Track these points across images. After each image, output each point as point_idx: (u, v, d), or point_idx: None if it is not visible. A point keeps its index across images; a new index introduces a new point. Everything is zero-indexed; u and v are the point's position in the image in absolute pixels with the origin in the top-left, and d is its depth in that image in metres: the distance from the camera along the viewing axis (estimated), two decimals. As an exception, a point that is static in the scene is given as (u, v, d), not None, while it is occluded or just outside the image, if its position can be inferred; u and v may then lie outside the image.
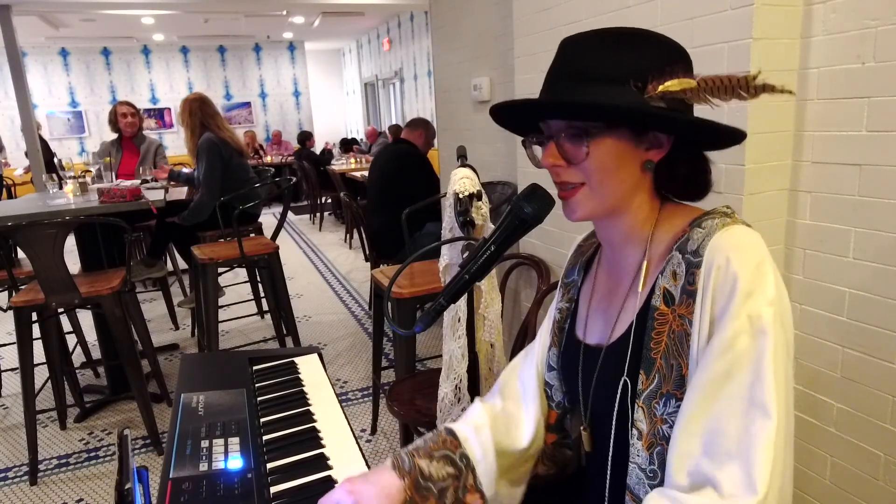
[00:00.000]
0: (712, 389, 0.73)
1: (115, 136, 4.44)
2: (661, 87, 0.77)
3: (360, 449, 1.03)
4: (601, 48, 0.81)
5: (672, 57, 0.80)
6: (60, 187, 3.41)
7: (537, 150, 0.89)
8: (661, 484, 0.79)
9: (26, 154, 8.05)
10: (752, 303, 0.72)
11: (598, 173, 0.81)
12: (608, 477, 0.89)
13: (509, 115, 0.92)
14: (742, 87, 0.77)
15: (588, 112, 0.79)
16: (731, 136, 0.82)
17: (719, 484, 0.70)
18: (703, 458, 0.72)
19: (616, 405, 0.85)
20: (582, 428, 0.96)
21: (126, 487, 0.65)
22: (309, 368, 1.33)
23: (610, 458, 0.88)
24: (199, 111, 3.67)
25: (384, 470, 0.88)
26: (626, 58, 0.80)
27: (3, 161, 9.64)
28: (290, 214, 8.80)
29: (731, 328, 0.73)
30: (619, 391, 0.84)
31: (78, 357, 3.41)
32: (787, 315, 0.76)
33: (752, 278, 0.73)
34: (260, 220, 4.03)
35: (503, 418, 1.00)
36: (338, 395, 1.21)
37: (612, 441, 0.87)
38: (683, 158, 0.84)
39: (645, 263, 0.85)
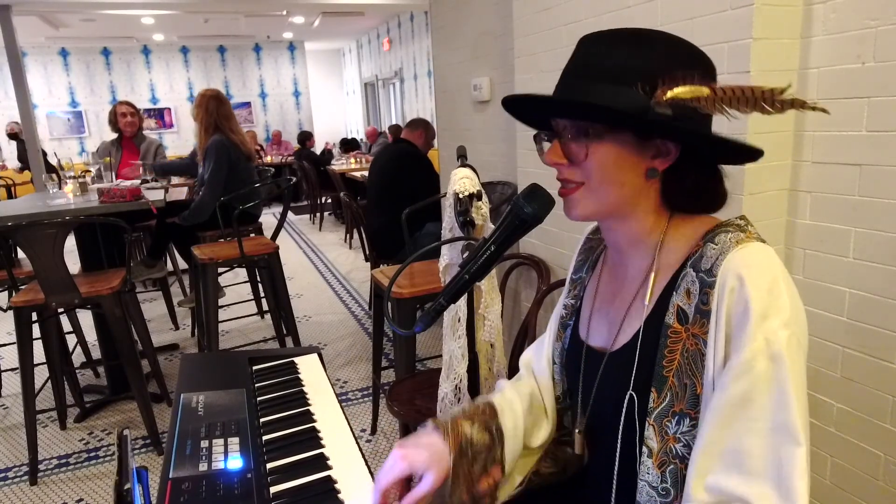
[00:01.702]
0: (732, 411, 0.72)
1: (115, 136, 4.44)
2: (669, 94, 0.75)
3: (360, 449, 1.02)
4: (615, 46, 0.80)
5: (688, 62, 0.78)
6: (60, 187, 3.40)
7: (547, 146, 0.88)
8: (672, 502, 0.78)
9: (19, 158, 8.08)
10: (767, 325, 0.71)
11: (598, 175, 0.80)
12: (614, 491, 0.88)
13: (519, 110, 0.92)
14: (767, 100, 0.73)
15: (585, 113, 0.79)
16: (745, 152, 0.80)
17: (750, 501, 0.70)
18: (725, 476, 0.72)
19: (622, 418, 0.84)
20: (577, 431, 0.96)
21: (125, 488, 0.65)
22: (309, 368, 1.33)
23: (616, 472, 0.87)
24: (215, 111, 3.63)
25: (431, 433, 0.88)
26: (637, 58, 0.78)
27: (1, 163, 9.66)
28: (290, 214, 8.80)
29: (748, 350, 0.72)
30: (626, 404, 0.83)
31: (78, 357, 3.40)
32: (803, 332, 0.75)
33: (766, 299, 0.72)
34: (260, 220, 4.03)
35: (529, 417, 1.01)
36: (338, 395, 1.21)
37: (618, 455, 0.86)
38: (692, 169, 0.81)
39: (653, 273, 0.84)
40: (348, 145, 9.58)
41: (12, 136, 8.51)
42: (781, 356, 0.71)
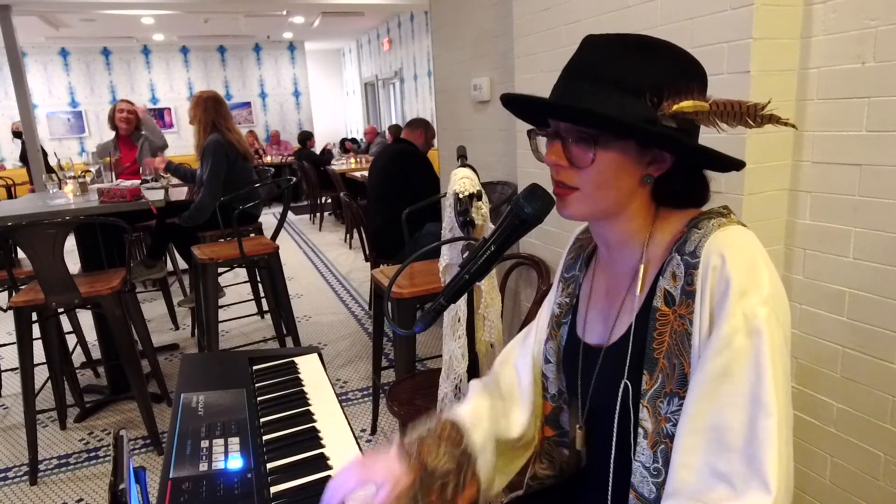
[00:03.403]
0: (712, 387, 0.74)
1: (112, 136, 4.44)
2: (675, 107, 0.78)
3: (360, 449, 1.03)
4: (623, 54, 0.81)
5: (690, 74, 0.81)
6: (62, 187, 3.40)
7: (541, 142, 0.89)
8: (664, 481, 0.79)
9: (21, 157, 8.07)
10: (746, 301, 0.73)
11: (596, 180, 0.82)
12: (611, 476, 0.89)
13: (519, 106, 0.93)
14: (750, 114, 0.78)
15: (600, 122, 0.79)
16: (732, 165, 0.83)
17: (731, 480, 0.71)
18: (709, 454, 0.73)
19: (618, 406, 0.85)
20: (578, 427, 0.96)
21: (120, 488, 0.65)
22: (309, 368, 1.33)
23: (612, 458, 0.88)
24: (213, 110, 3.64)
25: (392, 457, 0.88)
26: (646, 68, 0.80)
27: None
28: (290, 214, 8.80)
29: (727, 326, 0.74)
30: (620, 393, 0.85)
31: (78, 357, 3.40)
32: (784, 311, 0.77)
33: (746, 277, 0.74)
34: (260, 220, 4.03)
35: (498, 408, 1.01)
36: (338, 395, 1.21)
37: (614, 441, 0.87)
38: (682, 174, 0.84)
39: (643, 267, 0.86)
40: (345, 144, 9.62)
41: (17, 133, 8.51)
42: (760, 331, 0.73)
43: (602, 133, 0.80)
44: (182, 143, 10.50)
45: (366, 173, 5.46)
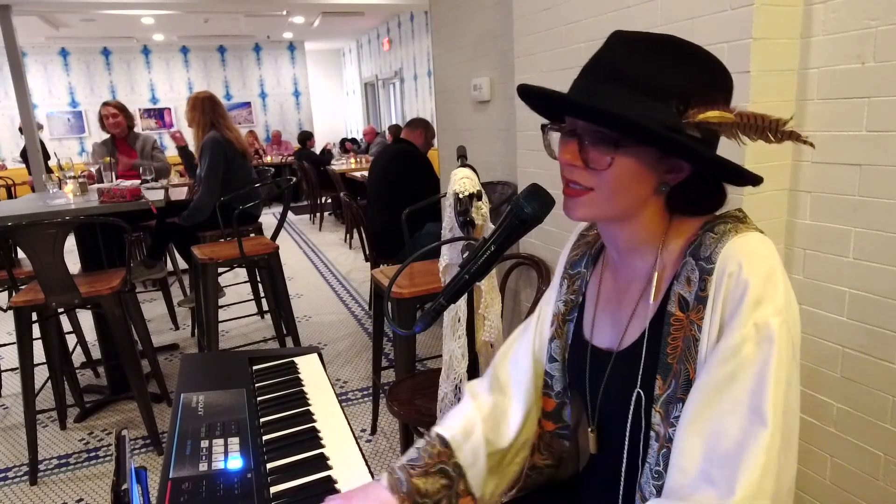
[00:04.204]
0: (715, 392, 0.74)
1: (107, 136, 4.42)
2: (700, 116, 0.76)
3: (360, 449, 1.03)
4: (653, 57, 0.78)
5: (719, 83, 0.79)
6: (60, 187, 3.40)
7: (554, 138, 0.86)
8: (664, 483, 0.79)
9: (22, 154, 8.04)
10: (760, 311, 0.73)
11: (612, 185, 0.79)
12: (622, 481, 0.89)
13: (536, 99, 0.89)
14: (771, 129, 0.77)
15: (624, 126, 0.77)
16: (750, 179, 0.81)
17: (719, 483, 0.71)
18: (704, 459, 0.73)
19: (630, 414, 0.85)
20: (590, 430, 0.96)
21: (122, 488, 0.65)
22: (309, 368, 1.33)
23: (624, 464, 0.88)
24: (210, 111, 3.67)
25: (380, 488, 0.88)
26: (675, 73, 0.77)
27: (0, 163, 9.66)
28: (290, 214, 8.80)
29: (738, 335, 0.73)
30: (633, 401, 0.84)
31: (78, 357, 3.40)
32: (795, 321, 0.76)
33: (763, 286, 0.73)
34: (260, 220, 4.03)
35: (493, 414, 1.00)
36: (338, 395, 1.21)
37: (626, 447, 0.87)
38: (699, 184, 0.82)
39: (657, 274, 0.84)
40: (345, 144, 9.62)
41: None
42: (770, 341, 0.72)
43: (624, 137, 0.77)
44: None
45: (366, 173, 5.46)
